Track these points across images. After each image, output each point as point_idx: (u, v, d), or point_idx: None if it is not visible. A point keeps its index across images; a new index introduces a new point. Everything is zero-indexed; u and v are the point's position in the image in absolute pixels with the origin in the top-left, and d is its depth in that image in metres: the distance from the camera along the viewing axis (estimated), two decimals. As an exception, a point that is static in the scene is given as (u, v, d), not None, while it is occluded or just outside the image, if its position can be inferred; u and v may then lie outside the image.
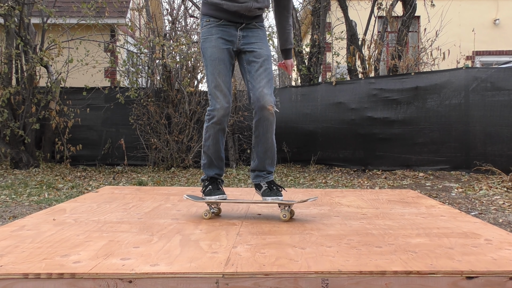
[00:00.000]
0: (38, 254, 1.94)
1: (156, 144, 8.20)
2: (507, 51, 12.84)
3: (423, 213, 2.92)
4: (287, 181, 6.64)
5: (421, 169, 7.40)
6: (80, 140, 8.42)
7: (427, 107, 7.41)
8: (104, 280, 1.68)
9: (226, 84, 2.69)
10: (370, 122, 7.72)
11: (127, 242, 2.17)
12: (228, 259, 1.88)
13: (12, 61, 8.02)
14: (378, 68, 9.02)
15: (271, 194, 2.70)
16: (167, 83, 8.32)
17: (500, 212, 4.38)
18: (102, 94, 8.55)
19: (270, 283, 1.70)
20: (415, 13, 9.07)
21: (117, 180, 6.91)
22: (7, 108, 7.76)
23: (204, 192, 2.81)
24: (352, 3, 10.19)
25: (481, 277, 1.72)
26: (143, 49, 8.56)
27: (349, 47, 9.05)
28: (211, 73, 2.69)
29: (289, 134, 8.42)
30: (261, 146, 2.77)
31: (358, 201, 3.38)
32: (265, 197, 2.72)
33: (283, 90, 9.07)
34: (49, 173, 7.43)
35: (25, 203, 4.88)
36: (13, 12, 7.76)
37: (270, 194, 2.71)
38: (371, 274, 1.73)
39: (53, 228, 2.45)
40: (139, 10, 9.40)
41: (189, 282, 1.69)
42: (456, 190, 5.71)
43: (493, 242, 2.18)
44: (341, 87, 8.14)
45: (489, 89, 7.02)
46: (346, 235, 2.32)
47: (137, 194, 3.69)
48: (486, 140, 7.01)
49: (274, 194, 2.71)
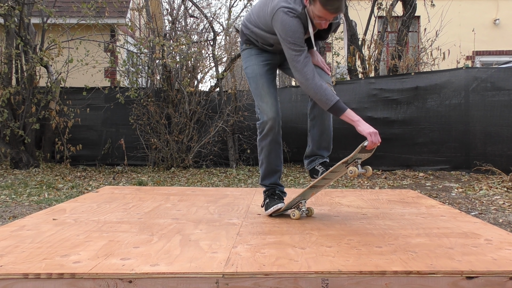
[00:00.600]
0: (38, 254, 1.94)
1: (156, 144, 8.20)
2: (507, 51, 12.83)
3: (423, 213, 2.92)
4: (287, 181, 6.64)
5: (421, 169, 7.39)
6: (80, 140, 8.42)
7: (427, 107, 7.41)
8: (104, 280, 1.68)
9: (271, 95, 2.67)
10: (370, 122, 7.58)
11: (127, 242, 2.17)
12: (228, 259, 1.88)
13: (12, 61, 8.02)
14: (378, 68, 9.01)
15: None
16: (167, 83, 8.31)
17: (500, 212, 4.38)
18: (102, 94, 8.54)
19: (270, 283, 1.70)
20: (415, 13, 9.07)
21: (117, 180, 6.91)
22: (7, 108, 7.76)
23: (264, 206, 2.82)
24: (352, 3, 10.19)
25: (481, 277, 1.72)
26: (143, 49, 8.55)
27: (349, 47, 9.05)
28: (255, 88, 2.70)
29: (289, 134, 8.40)
30: (317, 129, 2.76)
31: (358, 201, 3.38)
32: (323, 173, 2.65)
33: (283, 90, 9.06)
34: (49, 173, 7.42)
35: (25, 203, 4.88)
36: (13, 12, 7.76)
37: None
38: (371, 274, 1.73)
39: (53, 228, 2.45)
40: (139, 10, 9.39)
41: (189, 282, 1.69)
42: (456, 190, 5.71)
43: (493, 242, 2.18)
44: (341, 87, 8.13)
45: (489, 89, 7.02)
46: (346, 235, 2.32)
47: (137, 194, 3.69)
48: (486, 140, 7.01)
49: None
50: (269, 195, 2.80)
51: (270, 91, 2.67)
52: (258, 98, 2.68)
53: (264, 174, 2.82)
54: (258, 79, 2.68)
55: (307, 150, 2.81)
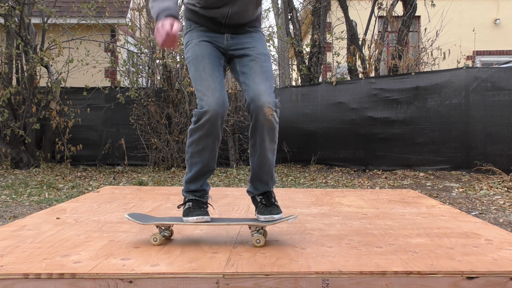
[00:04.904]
0: (38, 254, 1.94)
1: (156, 144, 8.20)
2: (507, 51, 12.82)
3: (424, 213, 2.92)
4: (287, 181, 6.64)
5: (421, 169, 7.39)
6: (81, 140, 8.42)
7: (427, 107, 7.41)
8: (104, 280, 1.68)
9: (214, 79, 2.15)
10: (371, 122, 7.71)
11: (127, 242, 2.17)
12: (229, 259, 1.88)
13: (13, 61, 8.02)
14: (378, 68, 9.01)
15: (265, 212, 2.18)
16: (167, 83, 8.32)
17: (500, 212, 4.38)
18: (103, 94, 8.54)
19: (271, 283, 1.70)
20: (415, 13, 9.07)
21: (117, 180, 6.91)
22: (8, 108, 7.76)
23: (183, 211, 2.25)
24: (352, 3, 10.18)
25: (482, 277, 1.71)
26: (143, 49, 8.56)
27: (350, 47, 9.04)
28: (195, 71, 2.19)
29: (290, 134, 8.41)
30: (256, 158, 2.25)
31: (358, 201, 3.38)
32: (258, 215, 2.21)
33: (283, 90, 9.07)
34: (49, 173, 7.43)
35: (26, 203, 4.88)
36: (14, 12, 7.76)
37: (264, 212, 2.18)
38: (371, 274, 1.73)
39: (54, 228, 2.45)
40: (140, 10, 9.39)
41: (189, 282, 1.69)
42: (456, 190, 5.71)
43: (494, 242, 2.18)
44: (341, 87, 8.14)
45: (489, 89, 7.02)
46: (346, 235, 2.32)
47: (138, 194, 3.69)
48: (486, 140, 7.01)
49: (269, 211, 2.17)
50: (192, 200, 2.26)
51: (214, 73, 2.18)
52: (197, 82, 2.18)
53: (193, 175, 2.27)
54: (199, 61, 2.22)
55: (250, 176, 2.33)
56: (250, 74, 2.19)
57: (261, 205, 2.23)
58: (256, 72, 2.19)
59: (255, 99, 2.12)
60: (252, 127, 2.20)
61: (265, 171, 2.26)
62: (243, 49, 2.25)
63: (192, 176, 2.28)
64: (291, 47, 11.35)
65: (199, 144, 2.20)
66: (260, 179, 2.28)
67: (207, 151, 2.22)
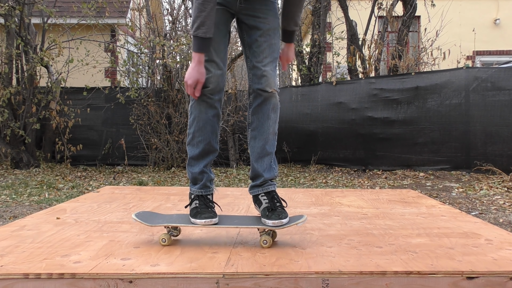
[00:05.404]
0: (38, 254, 1.94)
1: (156, 144, 8.20)
2: (507, 51, 12.83)
3: (424, 213, 2.92)
4: (287, 181, 6.64)
5: (421, 169, 7.39)
6: (81, 140, 8.42)
7: (427, 107, 7.41)
8: (104, 280, 1.68)
9: (218, 53, 2.14)
10: (371, 122, 7.71)
11: (127, 242, 2.16)
12: (229, 259, 1.88)
13: (13, 61, 8.02)
14: (378, 68, 9.01)
15: (272, 216, 2.07)
16: (167, 83, 8.32)
17: (500, 212, 4.38)
18: (103, 94, 8.55)
19: (271, 283, 1.70)
20: (415, 13, 9.07)
21: (117, 180, 6.91)
22: (8, 108, 7.77)
23: (190, 210, 2.20)
24: (352, 3, 10.19)
25: (482, 277, 1.71)
26: (143, 49, 8.56)
27: (350, 47, 9.05)
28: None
29: (290, 134, 8.42)
30: (258, 140, 2.19)
31: (358, 201, 3.38)
32: (265, 219, 2.09)
33: (283, 90, 9.06)
34: (49, 173, 7.43)
35: (26, 203, 4.88)
36: (14, 12, 7.76)
37: (272, 216, 2.07)
38: (371, 274, 1.73)
39: (54, 228, 2.45)
40: (140, 10, 9.40)
41: (189, 282, 1.69)
42: (456, 190, 5.71)
43: (494, 242, 2.18)
44: (341, 87, 8.14)
45: (489, 89, 7.02)
46: (346, 235, 2.31)
47: (138, 194, 3.69)
48: (486, 140, 7.01)
49: (277, 215, 2.07)
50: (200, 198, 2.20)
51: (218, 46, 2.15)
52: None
53: (196, 155, 2.20)
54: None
55: (250, 170, 2.26)
56: (257, 52, 2.18)
57: (266, 208, 2.13)
58: (264, 51, 2.17)
59: (261, 81, 2.14)
60: (254, 109, 2.20)
61: (267, 151, 2.21)
62: (254, 19, 2.19)
63: (196, 155, 2.21)
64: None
65: (200, 120, 2.18)
66: (263, 164, 2.20)
67: (208, 127, 2.18)
